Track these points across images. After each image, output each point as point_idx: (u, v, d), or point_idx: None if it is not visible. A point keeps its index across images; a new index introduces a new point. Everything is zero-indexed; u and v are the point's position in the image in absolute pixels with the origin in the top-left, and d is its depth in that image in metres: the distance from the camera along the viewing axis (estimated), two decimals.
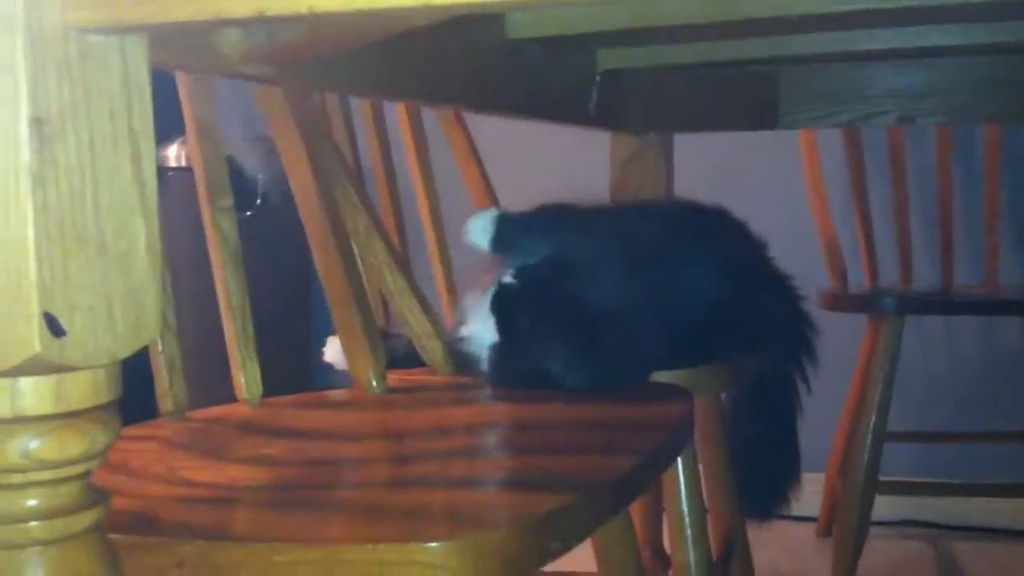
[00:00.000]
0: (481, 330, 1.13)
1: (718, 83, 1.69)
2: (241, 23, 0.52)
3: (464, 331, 1.15)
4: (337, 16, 0.49)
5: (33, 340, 0.50)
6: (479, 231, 1.18)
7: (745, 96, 1.72)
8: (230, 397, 1.08)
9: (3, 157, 0.49)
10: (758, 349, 1.33)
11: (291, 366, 2.33)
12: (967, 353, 2.41)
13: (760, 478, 1.40)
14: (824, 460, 2.30)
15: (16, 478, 0.52)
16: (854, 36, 1.39)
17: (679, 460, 1.19)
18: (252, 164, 2.29)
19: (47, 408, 0.52)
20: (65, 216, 0.51)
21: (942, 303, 2.08)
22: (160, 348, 1.01)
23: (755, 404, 1.37)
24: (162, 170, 2.22)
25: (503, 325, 1.12)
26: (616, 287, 1.12)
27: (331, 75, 0.81)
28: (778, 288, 1.39)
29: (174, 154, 2.24)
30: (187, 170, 2.18)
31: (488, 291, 1.14)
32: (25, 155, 0.49)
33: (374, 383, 1.14)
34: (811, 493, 2.34)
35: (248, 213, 2.31)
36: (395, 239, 1.38)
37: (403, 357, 1.25)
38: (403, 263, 1.24)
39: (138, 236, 0.55)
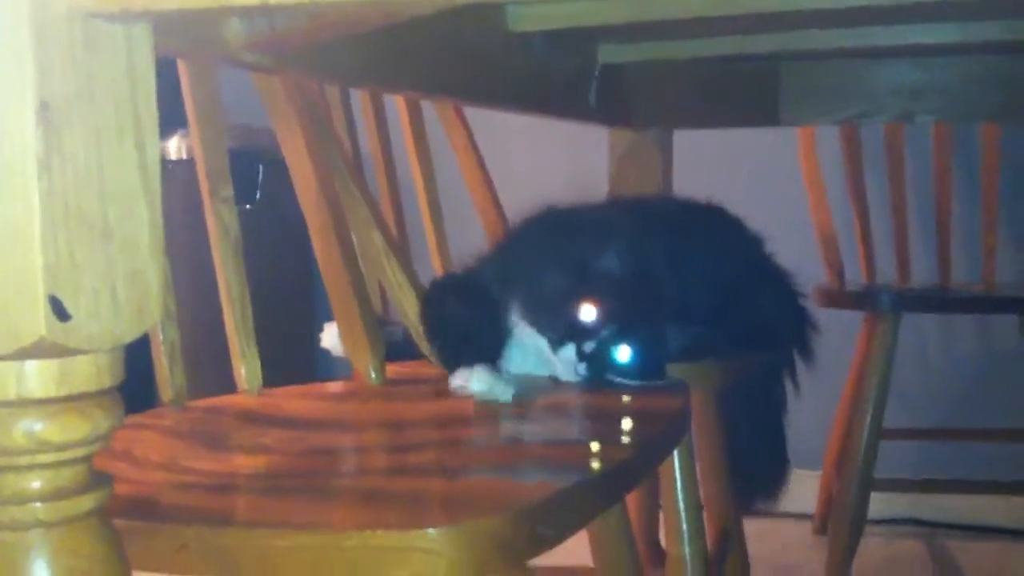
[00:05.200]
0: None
1: (718, 79, 1.70)
2: (246, 11, 0.52)
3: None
4: (340, 4, 0.49)
5: (39, 323, 0.50)
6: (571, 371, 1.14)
7: (745, 92, 1.73)
8: (231, 387, 1.09)
9: (9, 142, 0.50)
10: (756, 346, 1.34)
11: (293, 355, 2.33)
12: (963, 350, 2.42)
13: (742, 471, 1.41)
14: (820, 457, 2.30)
15: (20, 460, 0.52)
16: (855, 33, 1.40)
17: (676, 454, 1.20)
18: (252, 156, 2.29)
19: (51, 391, 0.52)
20: (70, 200, 0.51)
21: (939, 300, 2.08)
22: (161, 337, 1.02)
23: (740, 399, 1.38)
24: (162, 162, 2.22)
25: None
26: (625, 291, 1.13)
27: (331, 65, 0.81)
28: (777, 285, 1.40)
29: (174, 147, 2.25)
30: (187, 162, 2.18)
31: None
32: (31, 140, 0.50)
33: (373, 374, 1.15)
34: (807, 490, 2.35)
35: (248, 206, 2.32)
36: (394, 230, 1.39)
37: (400, 343, 1.25)
38: (402, 254, 1.25)
39: (142, 220, 0.55)
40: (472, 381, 1.08)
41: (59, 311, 0.50)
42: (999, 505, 2.33)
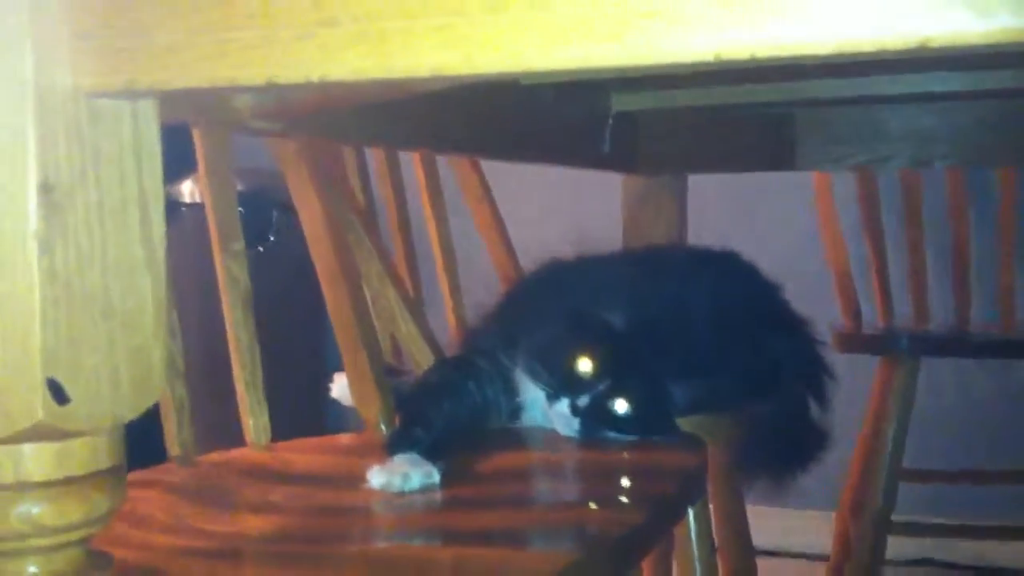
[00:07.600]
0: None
1: (732, 124, 1.69)
2: (252, 90, 0.51)
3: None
4: (347, 84, 0.49)
5: (36, 407, 0.49)
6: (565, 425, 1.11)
7: (759, 138, 1.72)
8: (239, 435, 1.08)
9: (11, 222, 0.49)
10: (771, 396, 1.32)
11: (304, 401, 2.32)
12: (981, 392, 2.39)
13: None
14: (836, 498, 2.27)
15: (16, 544, 0.51)
16: (870, 80, 1.39)
17: (691, 510, 1.18)
18: (266, 198, 2.29)
19: (48, 474, 0.51)
20: (72, 279, 0.50)
21: (957, 344, 2.06)
22: (169, 393, 1.01)
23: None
24: (176, 205, 2.22)
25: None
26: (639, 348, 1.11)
27: (342, 127, 0.81)
28: (793, 334, 1.38)
29: (187, 190, 2.25)
30: (200, 206, 2.18)
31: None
32: (33, 221, 0.49)
33: (383, 426, 1.14)
34: (823, 532, 2.32)
35: (261, 248, 2.32)
36: (408, 282, 1.38)
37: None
38: (416, 309, 1.24)
39: (145, 296, 0.54)
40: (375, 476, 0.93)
41: (57, 394, 0.49)
42: (1018, 549, 2.30)
